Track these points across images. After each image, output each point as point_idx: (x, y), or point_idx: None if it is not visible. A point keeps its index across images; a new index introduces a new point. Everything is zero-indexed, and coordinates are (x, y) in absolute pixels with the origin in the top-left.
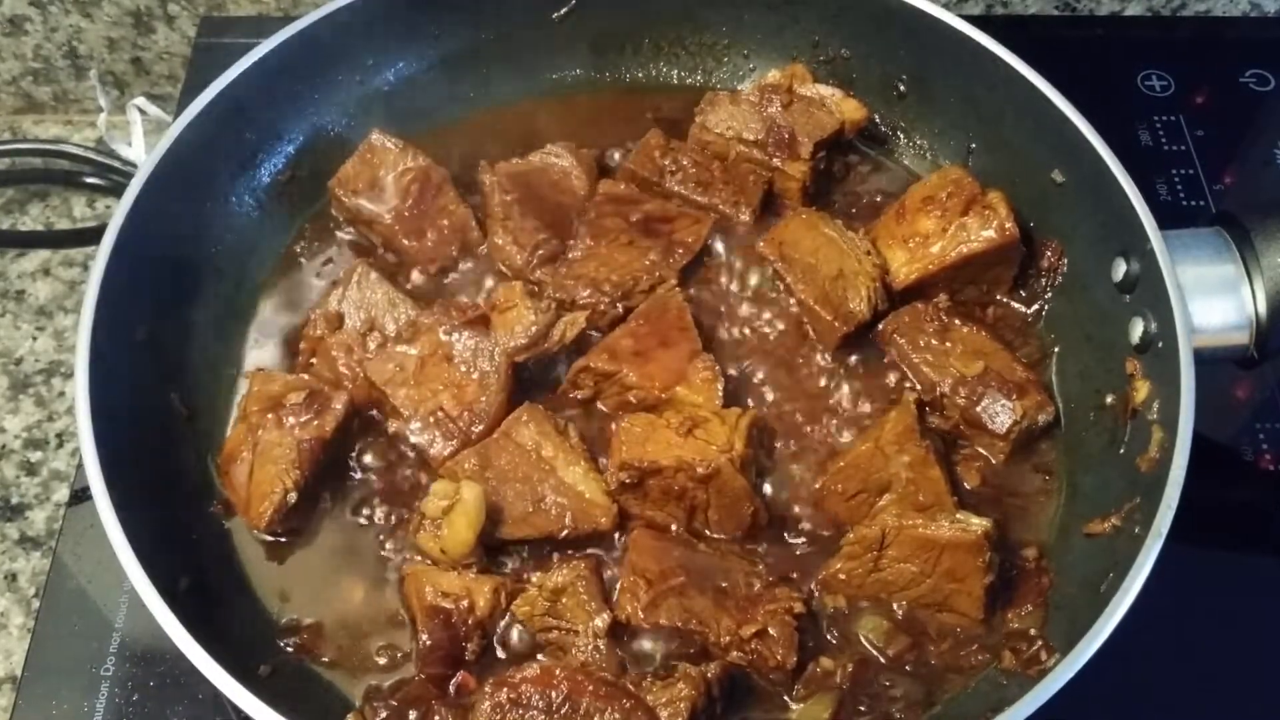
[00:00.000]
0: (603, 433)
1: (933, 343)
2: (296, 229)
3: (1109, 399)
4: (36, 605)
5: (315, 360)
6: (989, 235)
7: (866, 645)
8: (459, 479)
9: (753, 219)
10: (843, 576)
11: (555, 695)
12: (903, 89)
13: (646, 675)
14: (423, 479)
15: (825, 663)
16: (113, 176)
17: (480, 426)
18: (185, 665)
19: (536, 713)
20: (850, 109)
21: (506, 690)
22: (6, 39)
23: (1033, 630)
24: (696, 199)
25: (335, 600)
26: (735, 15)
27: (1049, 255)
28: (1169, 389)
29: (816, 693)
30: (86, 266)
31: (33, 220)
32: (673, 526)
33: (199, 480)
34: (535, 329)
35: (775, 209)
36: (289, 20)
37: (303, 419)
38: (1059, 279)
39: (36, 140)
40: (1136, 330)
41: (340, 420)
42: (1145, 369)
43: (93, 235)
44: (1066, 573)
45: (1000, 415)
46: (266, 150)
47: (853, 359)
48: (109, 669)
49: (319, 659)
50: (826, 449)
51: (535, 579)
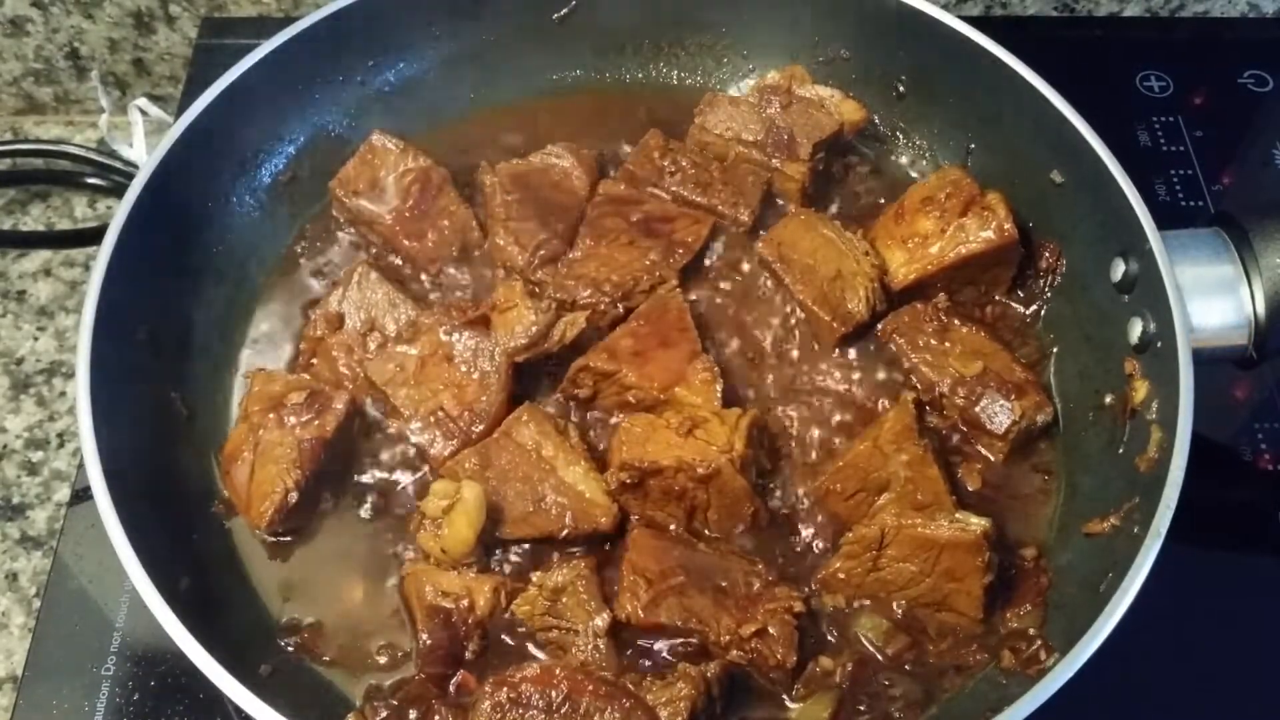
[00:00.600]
0: (603, 433)
1: (932, 343)
2: (297, 229)
3: (1108, 399)
4: (37, 605)
5: (316, 360)
6: (988, 236)
7: (866, 644)
8: (459, 479)
9: (751, 220)
10: (842, 576)
11: (555, 695)
12: (902, 89)
13: (646, 675)
14: (423, 479)
15: (825, 662)
16: (114, 177)
17: (480, 426)
18: (185, 665)
19: (536, 712)
20: (849, 110)
21: (506, 689)
22: (8, 40)
23: (1032, 630)
24: (695, 200)
25: (336, 600)
26: (735, 16)
27: (1047, 256)
28: (1168, 389)
29: (816, 692)
30: (88, 267)
31: (34, 220)
32: (672, 526)
33: (200, 480)
34: (535, 329)
35: (774, 210)
36: (290, 21)
37: (304, 419)
38: (1057, 279)
39: (38, 141)
40: (1135, 330)
41: (341, 420)
42: (1144, 369)
43: (94, 236)
44: (1065, 572)
45: (999, 415)
46: (267, 151)
47: (852, 359)
48: (110, 669)
49: (319, 658)
50: (825, 449)
51: (535, 579)
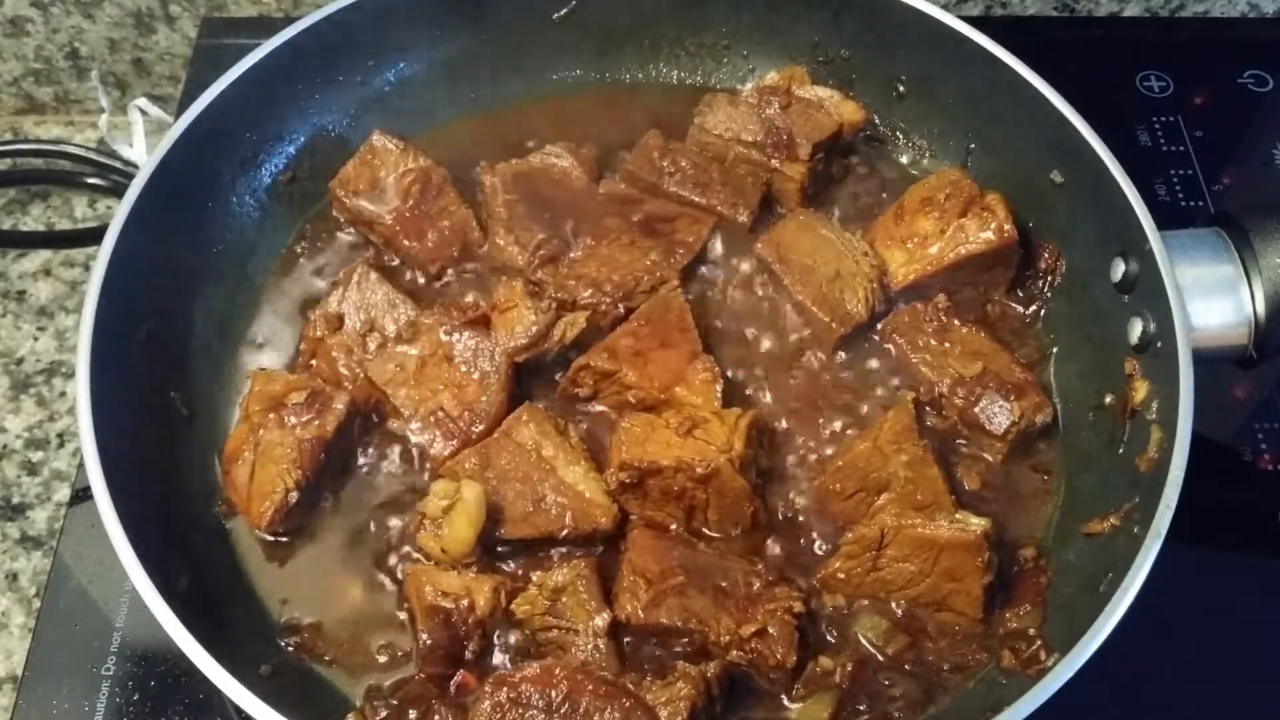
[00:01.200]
0: (603, 433)
1: (931, 343)
2: (297, 229)
3: (1108, 399)
4: (37, 605)
5: (316, 360)
6: (987, 237)
7: (865, 644)
8: (459, 479)
9: (751, 220)
10: (842, 576)
11: (555, 694)
12: (902, 90)
13: (646, 674)
14: (423, 478)
15: (824, 662)
16: (114, 177)
17: (480, 426)
18: (186, 665)
19: (536, 712)
20: (849, 111)
21: (506, 689)
22: (8, 40)
23: (1031, 630)
24: (695, 200)
25: (336, 600)
26: (735, 16)
27: (1047, 256)
28: (1168, 389)
29: (816, 692)
30: (88, 267)
31: (34, 221)
32: (672, 526)
33: (200, 480)
34: (535, 329)
35: (774, 210)
36: (290, 21)
37: (304, 419)
38: (1057, 280)
39: (38, 141)
40: (1135, 330)
41: (341, 420)
42: (1144, 369)
43: (94, 236)
44: (1065, 572)
45: (998, 416)
46: (267, 151)
47: (851, 359)
48: (110, 668)
49: (319, 658)
50: (825, 449)
51: (535, 578)
